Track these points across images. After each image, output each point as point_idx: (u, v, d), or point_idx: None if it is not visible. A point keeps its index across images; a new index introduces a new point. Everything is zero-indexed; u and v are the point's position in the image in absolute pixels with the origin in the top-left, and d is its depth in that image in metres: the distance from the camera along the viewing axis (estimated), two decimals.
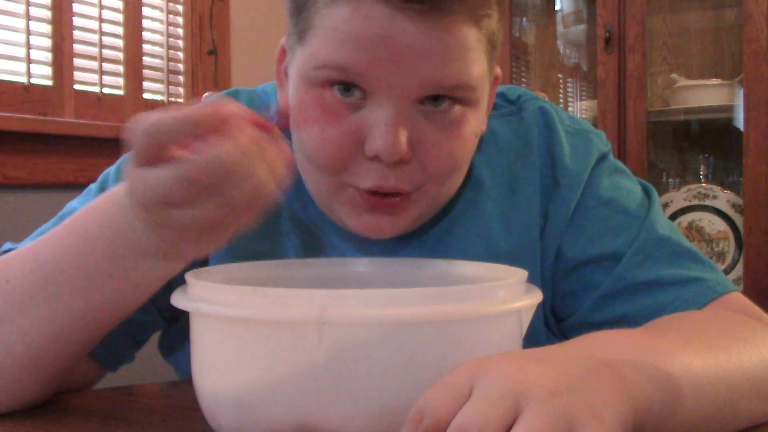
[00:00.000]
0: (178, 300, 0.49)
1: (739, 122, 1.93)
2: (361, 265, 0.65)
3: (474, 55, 0.60)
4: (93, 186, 0.73)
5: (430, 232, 0.72)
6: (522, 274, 0.52)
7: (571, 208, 0.71)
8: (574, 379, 0.39)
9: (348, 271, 0.64)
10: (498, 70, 0.70)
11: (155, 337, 0.76)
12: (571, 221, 0.71)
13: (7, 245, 0.69)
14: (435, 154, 0.61)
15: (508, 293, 0.49)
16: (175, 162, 0.46)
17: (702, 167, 2.12)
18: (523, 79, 2.43)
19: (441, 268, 0.63)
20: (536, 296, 0.50)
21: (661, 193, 2.09)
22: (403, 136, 0.58)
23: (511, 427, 0.36)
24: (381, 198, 0.62)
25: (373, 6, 0.56)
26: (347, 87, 0.59)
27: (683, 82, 2.09)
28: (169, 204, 0.47)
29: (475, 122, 0.64)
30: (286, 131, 0.59)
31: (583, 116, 2.29)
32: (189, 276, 0.52)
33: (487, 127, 0.73)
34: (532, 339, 0.53)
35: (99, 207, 0.55)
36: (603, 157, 0.74)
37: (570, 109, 2.40)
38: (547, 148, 0.72)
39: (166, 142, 0.47)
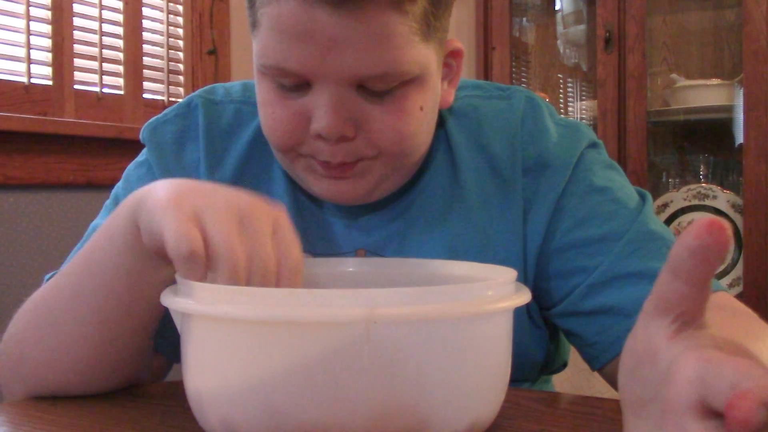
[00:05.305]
0: (170, 301, 0.49)
1: (739, 122, 1.93)
2: (351, 264, 0.66)
3: (400, 41, 0.60)
4: (107, 202, 0.78)
5: (410, 194, 0.73)
6: (513, 273, 0.53)
7: (559, 191, 0.70)
8: None
9: (337, 270, 0.65)
10: (457, 44, 0.70)
11: None
12: (559, 205, 0.70)
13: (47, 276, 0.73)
14: (379, 129, 0.64)
15: (497, 292, 0.49)
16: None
17: (702, 167, 2.12)
18: (523, 79, 2.43)
19: (429, 267, 0.63)
20: (527, 295, 0.51)
21: (661, 193, 2.09)
22: (341, 117, 0.62)
23: None
24: (333, 167, 0.65)
25: (291, 3, 0.58)
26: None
27: (683, 82, 2.09)
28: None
29: (420, 96, 0.65)
30: None
31: (583, 116, 2.30)
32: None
33: (470, 103, 0.75)
34: (516, 332, 0.53)
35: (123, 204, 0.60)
36: (593, 144, 0.74)
37: (570, 109, 2.40)
38: (532, 133, 0.72)
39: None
